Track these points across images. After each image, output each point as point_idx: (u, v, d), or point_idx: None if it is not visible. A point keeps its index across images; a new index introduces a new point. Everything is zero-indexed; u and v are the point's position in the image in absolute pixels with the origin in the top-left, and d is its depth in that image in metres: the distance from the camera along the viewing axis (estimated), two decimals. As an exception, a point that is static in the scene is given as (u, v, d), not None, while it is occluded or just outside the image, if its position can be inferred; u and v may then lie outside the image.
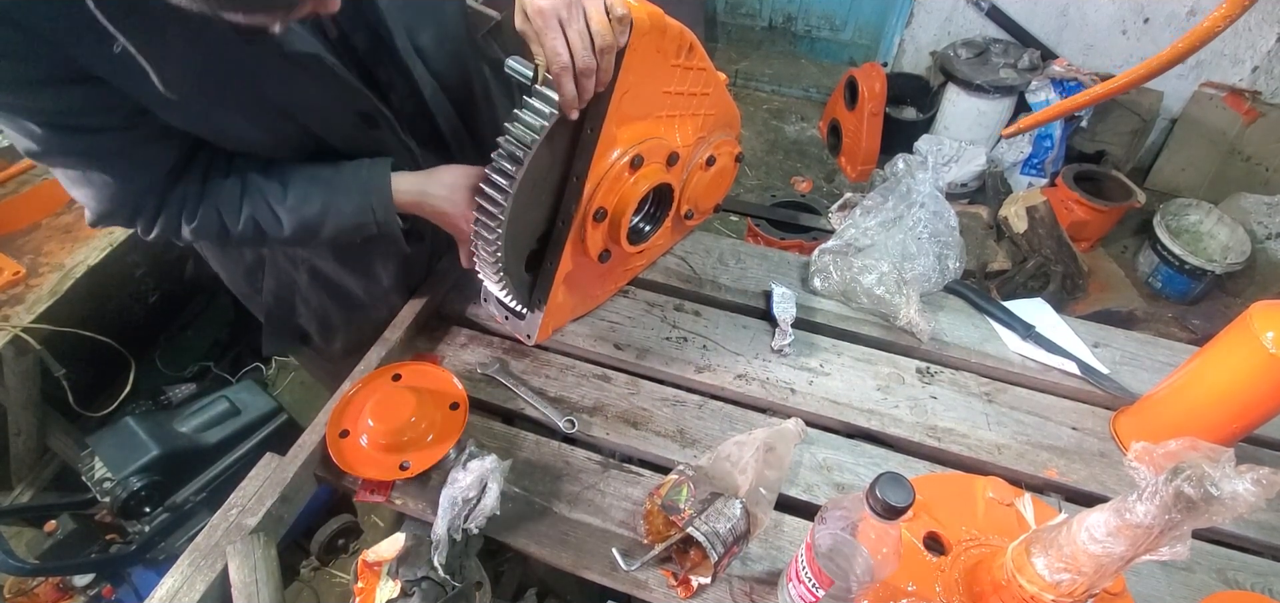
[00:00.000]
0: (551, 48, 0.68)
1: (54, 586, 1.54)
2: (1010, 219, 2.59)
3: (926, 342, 1.08)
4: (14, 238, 1.48)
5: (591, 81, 0.72)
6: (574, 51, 0.69)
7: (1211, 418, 0.85)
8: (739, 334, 1.09)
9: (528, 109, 0.75)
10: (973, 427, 0.97)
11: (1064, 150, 3.12)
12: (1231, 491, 0.51)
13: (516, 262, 0.90)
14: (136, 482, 1.37)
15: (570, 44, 0.68)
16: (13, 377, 1.49)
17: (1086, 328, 1.13)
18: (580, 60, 0.69)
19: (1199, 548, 0.84)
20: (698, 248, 1.24)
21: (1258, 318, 0.79)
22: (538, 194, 0.84)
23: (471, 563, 0.77)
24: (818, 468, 0.90)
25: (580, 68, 0.69)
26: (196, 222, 0.83)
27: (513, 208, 0.79)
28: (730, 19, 4.11)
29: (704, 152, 1.01)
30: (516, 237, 0.85)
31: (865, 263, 1.10)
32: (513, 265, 0.89)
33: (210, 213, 0.83)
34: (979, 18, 3.32)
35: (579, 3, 0.69)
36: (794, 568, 0.68)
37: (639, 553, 0.78)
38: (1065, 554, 0.62)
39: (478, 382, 0.99)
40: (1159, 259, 2.73)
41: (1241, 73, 3.03)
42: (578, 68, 0.69)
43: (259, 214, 0.84)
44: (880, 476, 0.57)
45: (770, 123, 3.79)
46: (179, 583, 0.76)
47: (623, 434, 0.94)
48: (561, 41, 0.68)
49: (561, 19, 0.67)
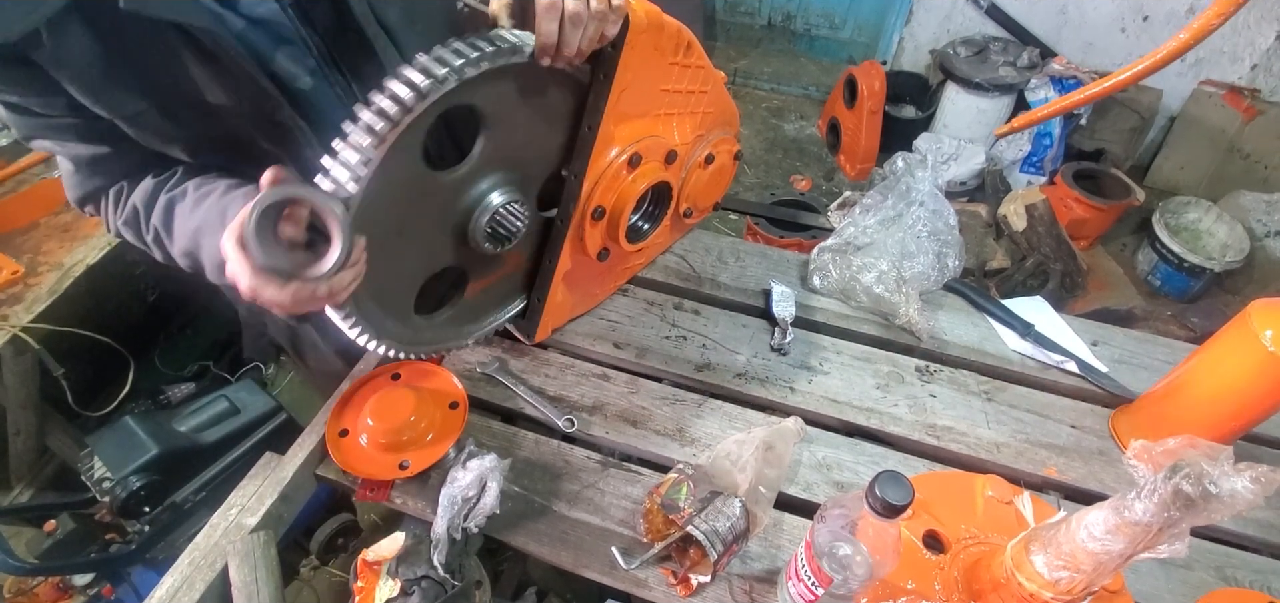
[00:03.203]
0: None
1: (54, 585, 1.54)
2: (1009, 217, 2.59)
3: (926, 340, 1.08)
4: (13, 237, 1.48)
5: (577, 34, 0.66)
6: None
7: (1210, 416, 0.85)
8: (738, 333, 1.09)
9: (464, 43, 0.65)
10: (972, 425, 0.97)
11: (1063, 148, 3.11)
12: (1230, 488, 0.51)
13: (404, 281, 0.79)
14: (136, 481, 1.36)
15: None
16: (12, 376, 1.49)
17: (1085, 326, 1.13)
18: (572, 3, 0.64)
19: (1198, 546, 0.84)
20: (697, 246, 1.24)
21: (1256, 316, 0.79)
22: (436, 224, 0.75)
23: (471, 562, 0.77)
24: (817, 466, 0.90)
25: (571, 11, 0.64)
26: (123, 216, 0.77)
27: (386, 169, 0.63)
28: (729, 17, 4.11)
29: (702, 150, 1.01)
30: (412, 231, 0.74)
31: (864, 261, 1.10)
32: (403, 282, 0.79)
33: (133, 211, 0.77)
34: (978, 16, 3.32)
35: None
36: (793, 567, 0.68)
37: (639, 552, 0.78)
38: (1064, 552, 0.62)
39: (477, 380, 0.99)
40: (1158, 257, 2.73)
41: (1240, 70, 3.03)
42: (568, 10, 0.64)
43: (161, 226, 0.75)
44: (879, 474, 0.58)
45: (769, 121, 3.79)
46: (179, 582, 0.76)
47: (622, 433, 0.94)
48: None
49: None
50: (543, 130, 0.80)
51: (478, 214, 0.77)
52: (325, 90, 0.74)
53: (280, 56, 0.70)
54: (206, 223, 0.71)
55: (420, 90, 0.60)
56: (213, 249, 0.71)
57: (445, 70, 0.61)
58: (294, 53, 0.70)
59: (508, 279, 0.94)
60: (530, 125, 0.77)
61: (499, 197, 0.77)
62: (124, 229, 0.79)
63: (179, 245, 0.75)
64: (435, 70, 0.61)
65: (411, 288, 0.80)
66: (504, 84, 0.70)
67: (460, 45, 0.63)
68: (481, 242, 0.79)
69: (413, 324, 0.84)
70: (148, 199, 0.75)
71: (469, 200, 0.77)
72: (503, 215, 0.79)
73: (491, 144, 0.74)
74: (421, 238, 0.77)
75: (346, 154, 0.61)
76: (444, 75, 0.61)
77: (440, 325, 0.88)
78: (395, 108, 0.60)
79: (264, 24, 0.67)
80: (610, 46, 0.74)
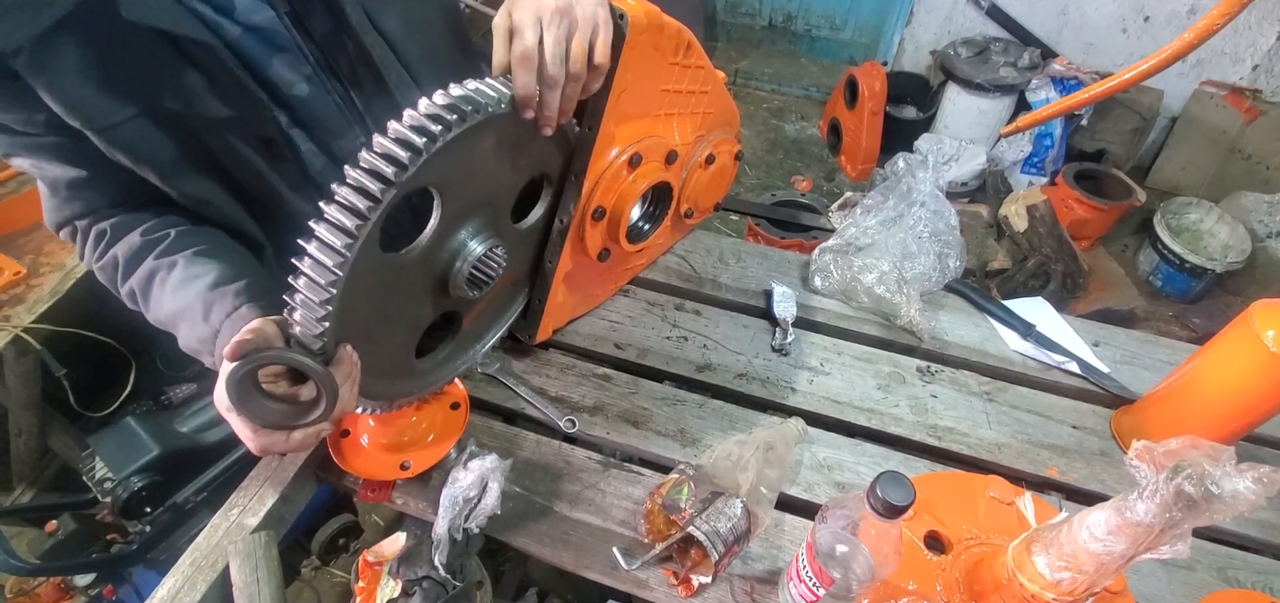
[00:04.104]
0: (521, 31, 0.63)
1: (55, 586, 1.54)
2: (1010, 218, 2.59)
3: (927, 341, 1.08)
4: (15, 238, 1.48)
5: (555, 96, 0.67)
6: (546, 51, 0.64)
7: (1212, 416, 0.85)
8: (739, 333, 1.09)
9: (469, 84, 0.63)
10: (973, 426, 0.97)
11: (1064, 149, 3.11)
12: (1232, 489, 0.51)
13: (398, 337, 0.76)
14: (137, 482, 1.37)
15: (543, 42, 0.64)
16: (13, 377, 1.49)
17: (1087, 327, 1.13)
18: (549, 65, 0.64)
19: (1199, 547, 0.84)
20: (698, 247, 1.24)
21: (1258, 316, 0.79)
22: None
23: (472, 562, 0.78)
24: (818, 467, 0.90)
25: (549, 74, 0.65)
26: (100, 259, 0.74)
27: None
28: (730, 18, 4.11)
29: (703, 150, 1.01)
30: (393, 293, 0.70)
31: (865, 262, 1.10)
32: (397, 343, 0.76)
33: (113, 261, 0.74)
34: (979, 16, 3.32)
35: (571, 16, 0.65)
36: (795, 567, 0.68)
37: (640, 552, 0.78)
38: (1066, 553, 0.62)
39: (478, 381, 0.99)
40: (1159, 258, 2.72)
41: (1242, 71, 3.02)
42: (546, 72, 0.65)
43: (139, 290, 0.74)
44: (881, 475, 0.57)
45: (770, 122, 3.79)
46: (180, 583, 0.76)
47: (623, 434, 0.94)
48: (534, 33, 0.63)
49: (539, 14, 0.64)
50: (506, 162, 0.75)
51: (457, 269, 0.74)
52: (322, 97, 0.74)
53: (276, 63, 0.69)
54: (187, 310, 0.70)
55: (375, 199, 0.56)
56: (190, 337, 0.71)
57: (394, 169, 0.56)
58: (290, 60, 0.70)
59: (502, 293, 0.93)
60: (489, 165, 0.73)
61: (476, 244, 0.74)
62: (98, 271, 0.76)
63: (154, 315, 0.74)
64: (384, 171, 0.55)
65: (408, 350, 0.79)
66: (457, 150, 0.64)
67: (408, 134, 0.57)
68: (465, 292, 0.76)
69: (418, 372, 0.83)
70: (131, 257, 0.73)
71: (444, 257, 0.73)
72: (481, 264, 0.76)
73: (450, 206, 0.69)
74: (405, 310, 0.74)
75: (306, 294, 0.57)
76: (394, 175, 0.55)
77: (445, 360, 0.88)
78: (344, 239, 0.56)
79: (260, 31, 0.67)
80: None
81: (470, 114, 0.60)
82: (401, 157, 0.56)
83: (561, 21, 0.64)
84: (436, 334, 0.84)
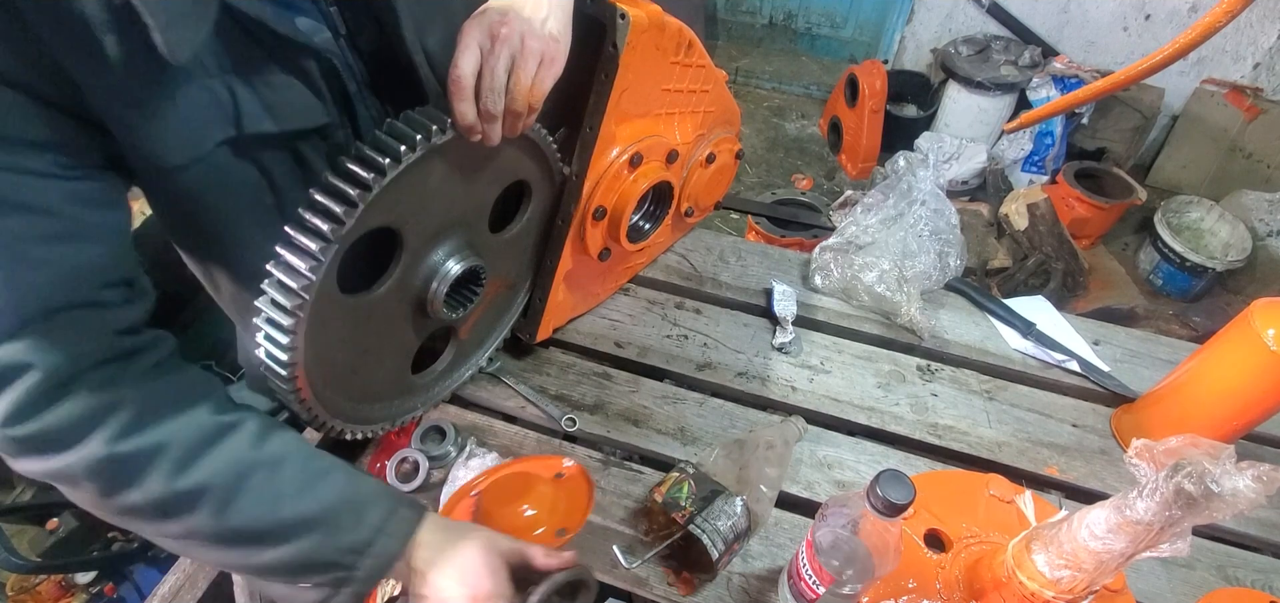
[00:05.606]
0: (459, 55, 0.59)
1: (56, 583, 1.55)
2: (1011, 216, 2.59)
3: (927, 339, 1.08)
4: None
5: (495, 128, 0.63)
6: (483, 82, 0.61)
7: (1212, 415, 0.85)
8: (740, 332, 1.09)
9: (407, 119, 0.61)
10: (973, 424, 0.97)
11: (1065, 147, 3.11)
12: (1232, 487, 0.51)
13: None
14: (138, 480, 1.37)
15: (482, 74, 0.61)
16: (14, 375, 1.49)
17: (1087, 325, 1.13)
18: (485, 97, 0.61)
19: (1199, 545, 0.84)
20: (698, 245, 1.24)
21: (1258, 315, 0.79)
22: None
23: (473, 561, 0.77)
24: (818, 465, 0.90)
25: (483, 107, 0.61)
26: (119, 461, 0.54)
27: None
28: (730, 16, 4.10)
29: (704, 149, 1.01)
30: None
31: (866, 260, 1.10)
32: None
33: (142, 453, 0.54)
34: (980, 15, 3.31)
35: (513, 46, 0.61)
36: (795, 565, 0.68)
37: (640, 550, 0.78)
38: (1066, 551, 0.62)
39: (478, 380, 0.99)
40: (1160, 256, 2.72)
41: (1243, 69, 3.02)
42: (482, 104, 0.61)
43: (220, 484, 0.56)
44: (881, 473, 0.58)
45: (770, 120, 3.79)
46: (181, 581, 0.76)
47: (623, 432, 0.94)
48: (472, 59, 0.60)
49: (482, 45, 0.60)
50: (468, 182, 0.72)
51: (434, 291, 0.72)
52: (362, 115, 0.71)
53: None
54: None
55: (317, 259, 0.54)
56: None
57: (331, 226, 0.54)
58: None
59: (500, 297, 0.92)
60: (450, 189, 0.69)
61: (453, 265, 0.72)
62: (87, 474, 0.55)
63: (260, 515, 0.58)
64: (321, 228, 0.54)
65: (402, 371, 0.78)
66: (404, 186, 0.61)
67: (341, 185, 0.56)
68: (445, 315, 0.74)
69: (419, 387, 0.83)
70: (198, 432, 0.57)
71: (418, 284, 0.71)
72: (459, 284, 0.74)
73: (414, 238, 0.67)
74: (387, 341, 0.73)
75: (270, 364, 0.59)
76: (331, 232, 0.54)
77: (447, 371, 0.88)
78: (295, 301, 0.54)
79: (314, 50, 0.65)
80: (612, 46, 0.74)
81: (405, 153, 0.57)
82: (336, 211, 0.54)
83: (505, 51, 0.61)
84: (436, 344, 0.84)
